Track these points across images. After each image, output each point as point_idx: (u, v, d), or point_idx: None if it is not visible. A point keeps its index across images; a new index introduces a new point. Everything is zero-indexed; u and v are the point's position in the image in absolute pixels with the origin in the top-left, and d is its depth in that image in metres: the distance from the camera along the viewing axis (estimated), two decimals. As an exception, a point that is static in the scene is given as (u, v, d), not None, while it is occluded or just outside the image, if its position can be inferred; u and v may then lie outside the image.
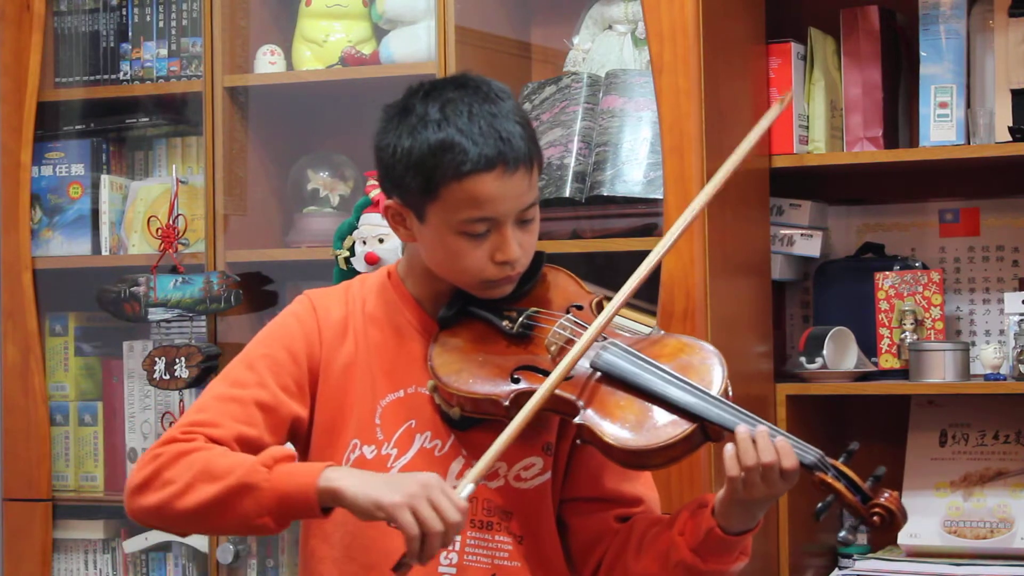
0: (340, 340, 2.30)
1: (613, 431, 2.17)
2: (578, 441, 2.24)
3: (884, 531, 2.14)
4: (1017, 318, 3.13)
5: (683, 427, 2.16)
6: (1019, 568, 3.12)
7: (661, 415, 2.17)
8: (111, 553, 3.67)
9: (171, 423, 3.53)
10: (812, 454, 2.16)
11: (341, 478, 2.11)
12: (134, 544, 3.62)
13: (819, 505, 2.15)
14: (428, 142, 2.18)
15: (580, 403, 2.20)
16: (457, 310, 2.29)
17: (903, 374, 3.25)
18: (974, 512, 3.22)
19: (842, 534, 2.16)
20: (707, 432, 2.17)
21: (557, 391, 2.18)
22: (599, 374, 2.22)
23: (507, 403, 2.21)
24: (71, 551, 3.68)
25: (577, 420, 2.19)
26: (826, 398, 3.29)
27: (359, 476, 2.12)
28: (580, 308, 2.30)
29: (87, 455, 3.69)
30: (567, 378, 2.20)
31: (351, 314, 2.32)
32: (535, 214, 2.26)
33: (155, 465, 2.17)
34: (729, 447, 2.14)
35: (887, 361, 3.28)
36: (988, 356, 3.18)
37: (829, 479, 2.14)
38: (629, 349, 2.23)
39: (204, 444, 2.18)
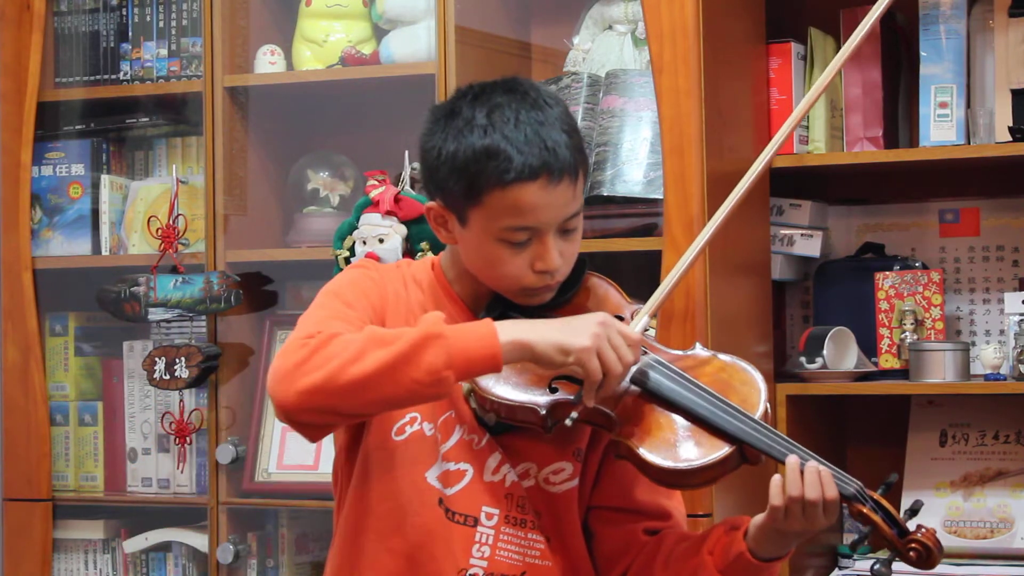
0: (399, 314, 2.27)
1: (650, 450, 2.15)
2: (615, 456, 2.22)
3: (920, 566, 2.14)
4: (1017, 318, 3.13)
5: (722, 450, 2.14)
6: (1019, 568, 3.12)
7: (700, 436, 2.15)
8: (111, 553, 3.67)
9: (171, 423, 3.54)
10: (852, 485, 2.15)
11: (518, 329, 2.10)
12: (134, 544, 3.62)
13: (855, 537, 2.16)
14: (473, 147, 2.16)
15: (618, 418, 2.17)
16: (496, 315, 2.25)
17: (903, 374, 3.25)
18: (974, 512, 3.22)
19: (876, 566, 2.16)
20: (745, 455, 2.15)
21: (595, 404, 2.15)
22: (640, 390, 2.19)
23: (544, 412, 2.17)
24: (71, 551, 3.68)
25: (614, 436, 2.18)
26: (826, 398, 3.29)
27: (532, 325, 2.12)
28: (621, 319, 2.24)
29: (87, 455, 3.68)
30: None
31: (409, 294, 2.30)
32: (578, 223, 2.22)
33: (307, 349, 2.09)
34: (776, 477, 2.13)
35: (887, 361, 3.28)
36: (988, 356, 3.18)
37: (867, 511, 2.14)
38: (670, 367, 2.21)
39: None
